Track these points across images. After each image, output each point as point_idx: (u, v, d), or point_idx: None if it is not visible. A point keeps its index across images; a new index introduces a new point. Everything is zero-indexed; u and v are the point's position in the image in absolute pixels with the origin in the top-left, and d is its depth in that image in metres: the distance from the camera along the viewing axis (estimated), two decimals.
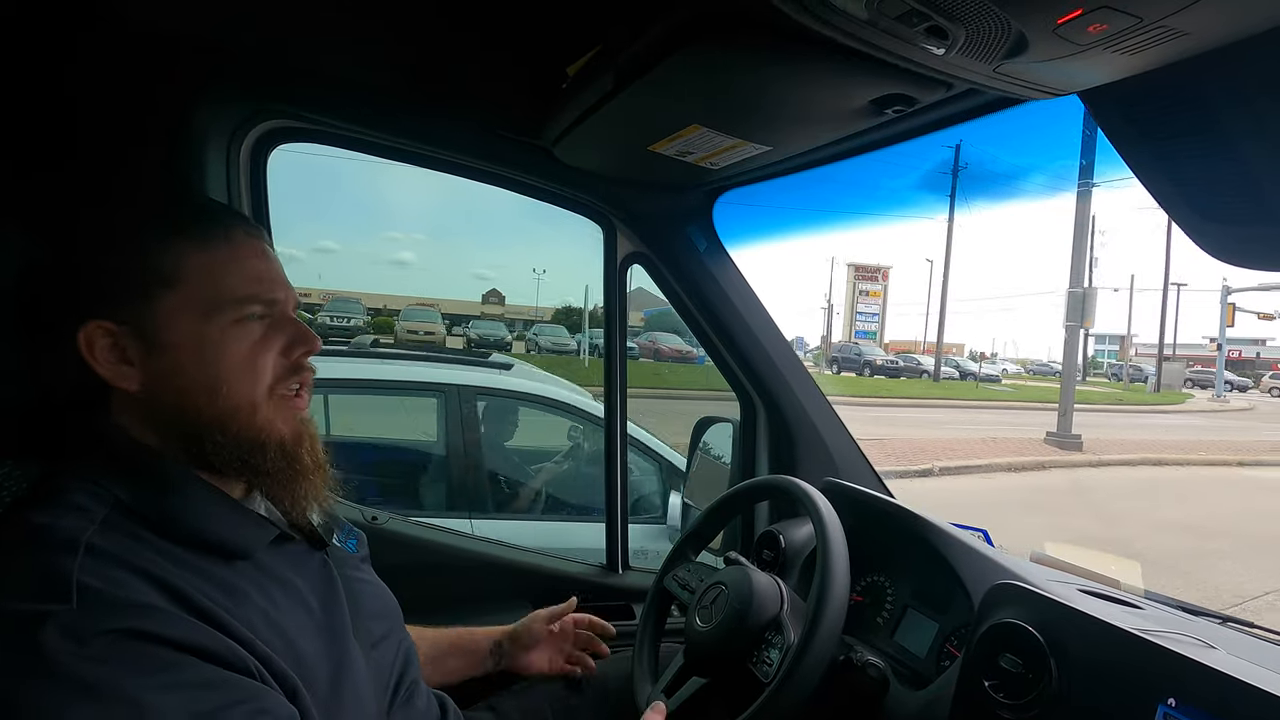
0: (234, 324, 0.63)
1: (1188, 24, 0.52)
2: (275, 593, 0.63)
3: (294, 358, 0.68)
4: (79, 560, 0.52)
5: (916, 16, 0.58)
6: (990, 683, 0.78)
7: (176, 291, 0.62)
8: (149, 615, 0.51)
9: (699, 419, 1.62)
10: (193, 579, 0.56)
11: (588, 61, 0.92)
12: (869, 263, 28.66)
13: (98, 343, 0.61)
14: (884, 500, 1.17)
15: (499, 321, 25.51)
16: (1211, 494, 8.02)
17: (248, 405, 0.64)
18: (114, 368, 0.61)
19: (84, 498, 0.57)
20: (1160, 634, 0.73)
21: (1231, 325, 22.57)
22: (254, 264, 0.66)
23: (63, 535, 0.53)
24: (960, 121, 0.89)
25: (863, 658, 0.92)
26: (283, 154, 1.15)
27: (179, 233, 0.63)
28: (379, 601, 0.81)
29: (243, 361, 0.64)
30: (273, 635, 0.59)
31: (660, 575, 1.14)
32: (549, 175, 1.27)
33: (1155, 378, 27.83)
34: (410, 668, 0.82)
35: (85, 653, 0.47)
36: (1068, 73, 0.65)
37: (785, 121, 0.91)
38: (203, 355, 0.62)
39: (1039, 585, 0.83)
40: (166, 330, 0.61)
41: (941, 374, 24.78)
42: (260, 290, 0.65)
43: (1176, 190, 0.72)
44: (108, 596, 0.51)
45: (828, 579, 0.87)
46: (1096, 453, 10.21)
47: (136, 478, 0.60)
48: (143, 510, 0.58)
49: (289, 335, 0.67)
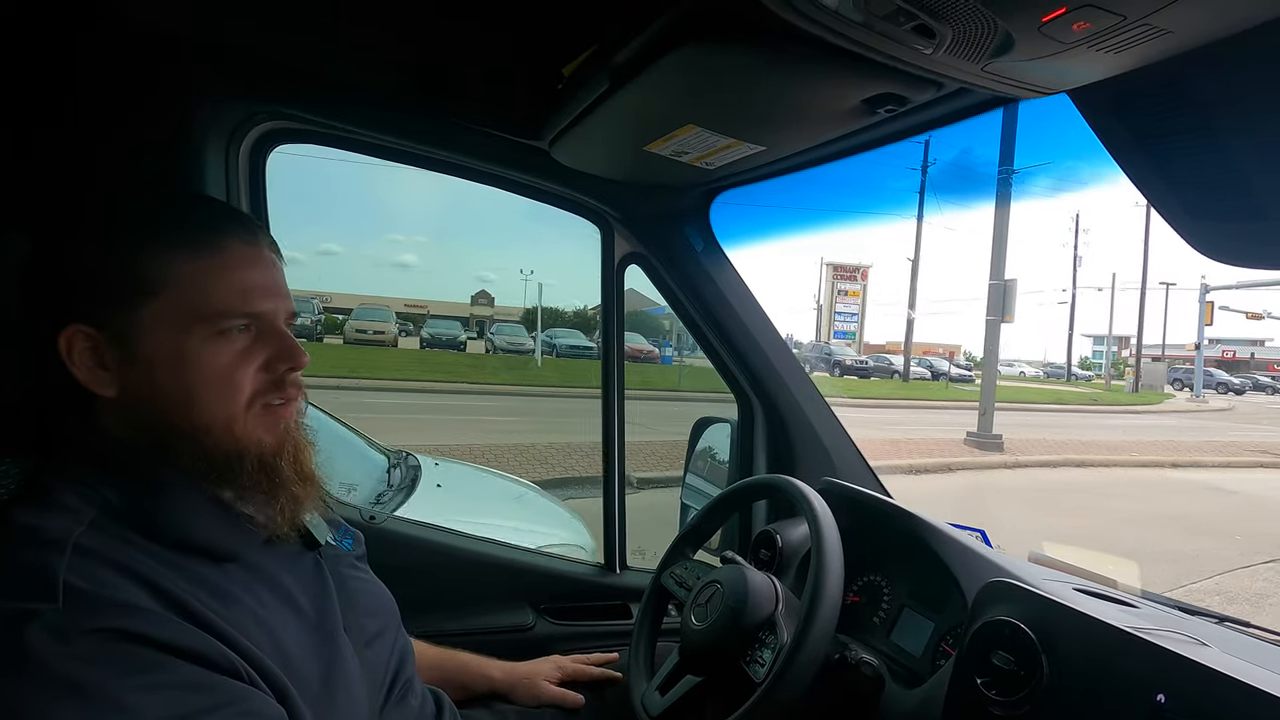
0: (214, 336, 0.62)
1: (1170, 22, 0.53)
2: (264, 594, 0.63)
3: (278, 372, 0.66)
4: (66, 560, 0.52)
5: (904, 15, 0.59)
6: (982, 680, 0.78)
7: (159, 300, 0.60)
8: (135, 616, 0.51)
9: (697, 419, 1.62)
10: (181, 581, 0.56)
11: (583, 62, 0.93)
12: (848, 262, 28.46)
13: (76, 346, 0.60)
14: (881, 500, 1.17)
15: (455, 321, 25.32)
16: (1120, 496, 7.70)
17: (223, 419, 0.62)
18: (91, 372, 0.60)
19: (73, 498, 0.57)
20: (1153, 632, 0.73)
21: (1210, 324, 22.49)
22: (243, 274, 0.64)
23: (50, 535, 0.53)
24: (952, 121, 0.89)
25: (858, 656, 0.92)
26: (288, 157, 1.16)
27: (168, 240, 0.62)
28: (373, 599, 0.81)
29: (219, 376, 0.62)
30: (262, 636, 0.59)
31: (658, 573, 1.14)
32: (546, 175, 1.27)
33: (1134, 378, 27.74)
34: (405, 665, 0.82)
35: (70, 651, 0.47)
36: (1055, 71, 0.65)
37: (779, 121, 0.92)
38: (178, 368, 0.61)
39: (1032, 583, 0.83)
40: (145, 340, 0.60)
41: (913, 374, 24.65)
42: (245, 303, 0.63)
43: (1168, 189, 0.72)
44: (94, 596, 0.51)
45: (821, 579, 0.87)
46: (1016, 454, 9.92)
47: (125, 480, 0.60)
48: (131, 512, 0.58)
49: (272, 350, 0.65)
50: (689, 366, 20.64)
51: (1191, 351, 28.57)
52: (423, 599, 0.89)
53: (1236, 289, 22.18)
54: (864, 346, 29.68)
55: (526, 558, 1.46)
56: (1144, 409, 20.12)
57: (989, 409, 10.64)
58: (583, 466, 7.09)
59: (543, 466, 6.95)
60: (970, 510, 6.80)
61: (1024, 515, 6.75)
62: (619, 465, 1.48)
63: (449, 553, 1.38)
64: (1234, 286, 21.89)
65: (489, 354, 21.36)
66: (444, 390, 12.39)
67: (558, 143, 1.09)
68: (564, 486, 6.22)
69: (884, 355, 29.14)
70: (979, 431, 10.59)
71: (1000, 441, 10.30)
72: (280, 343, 0.66)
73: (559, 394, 13.44)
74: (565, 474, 6.81)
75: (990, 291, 11.25)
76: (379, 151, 1.21)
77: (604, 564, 1.50)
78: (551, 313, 30.58)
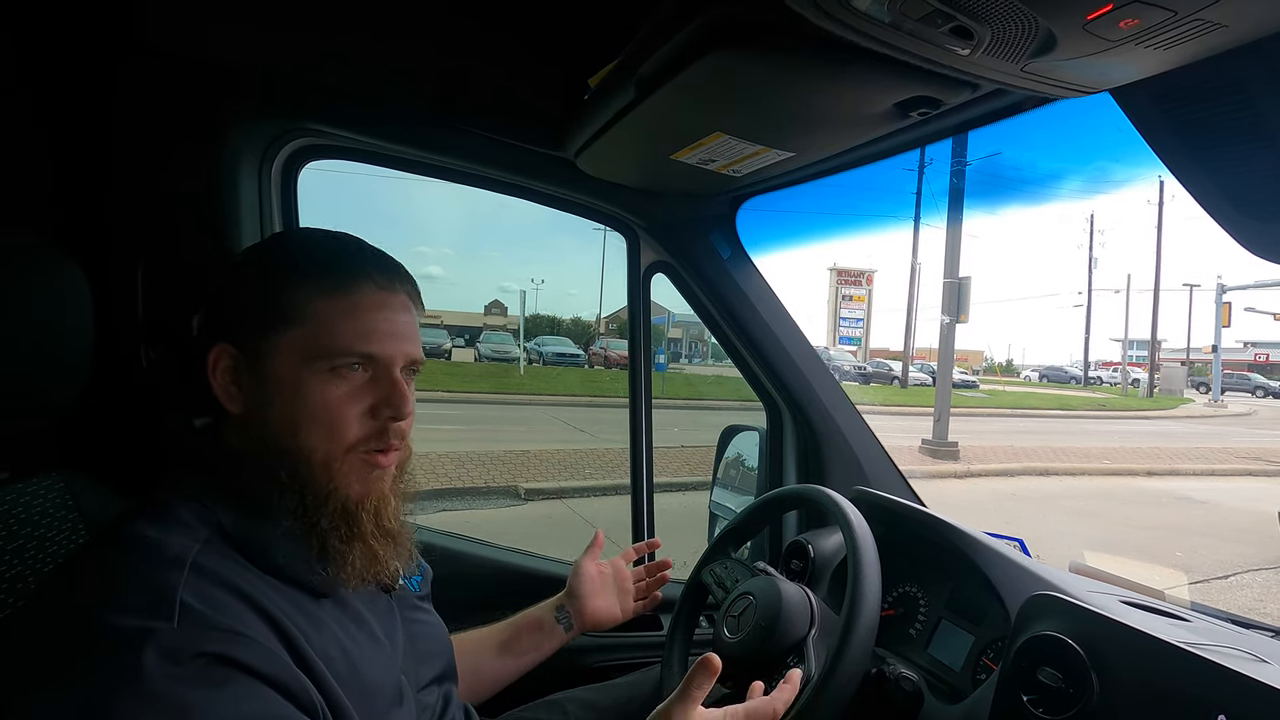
0: (328, 371, 0.64)
1: (1224, 16, 0.51)
2: (353, 629, 0.66)
3: (381, 419, 0.66)
4: (185, 577, 0.53)
5: (940, 17, 0.57)
6: (1029, 697, 0.76)
7: (292, 331, 0.64)
8: (240, 643, 0.52)
9: (725, 427, 1.61)
10: (286, 606, 0.58)
11: (609, 72, 0.93)
12: (852, 266, 27.89)
13: (221, 363, 0.64)
14: (915, 509, 1.14)
15: (442, 330, 25.45)
16: (1063, 508, 7.28)
17: (323, 455, 0.64)
18: (226, 388, 0.64)
19: (190, 516, 0.59)
20: (1209, 648, 0.70)
21: (1228, 325, 21.65)
22: (370, 316, 0.65)
23: (172, 552, 0.55)
24: (987, 123, 0.88)
25: (896, 671, 0.90)
26: (315, 172, 1.18)
27: (309, 275, 0.65)
28: (434, 642, 0.83)
29: (325, 409, 0.64)
30: (345, 665, 0.61)
31: (698, 567, 1.14)
32: (572, 186, 1.28)
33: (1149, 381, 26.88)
34: (451, 700, 0.83)
35: (179, 673, 0.48)
36: (1099, 70, 0.63)
37: (808, 127, 0.90)
38: (294, 395, 0.63)
39: (1078, 596, 0.81)
40: (273, 364, 0.64)
41: (913, 380, 24.17)
42: (363, 343, 0.65)
43: (1216, 187, 0.69)
44: (207, 618, 0.52)
45: (851, 634, 0.83)
46: (970, 462, 9.36)
47: (239, 504, 0.62)
48: (239, 536, 0.60)
49: (381, 395, 0.66)
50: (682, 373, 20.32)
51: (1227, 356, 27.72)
52: (446, 608, 0.89)
53: (1254, 289, 21.45)
54: (869, 353, 29.19)
55: (552, 567, 1.46)
56: (1155, 414, 19.39)
57: (944, 414, 10.08)
58: (472, 476, 6.90)
59: (430, 476, 6.70)
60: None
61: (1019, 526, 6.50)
62: (647, 472, 1.47)
63: (474, 562, 1.39)
64: (1251, 286, 21.17)
65: (476, 362, 21.41)
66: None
67: (583, 153, 1.09)
68: (436, 499, 6.08)
69: (883, 361, 28.75)
70: (934, 439, 10.06)
71: (955, 449, 9.82)
72: (390, 390, 0.66)
73: (532, 402, 13.37)
74: (448, 484, 6.60)
75: (944, 290, 10.70)
76: (408, 166, 1.22)
77: None
78: (550, 320, 30.82)
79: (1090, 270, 30.55)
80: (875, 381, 25.57)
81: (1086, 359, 34.02)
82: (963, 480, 8.80)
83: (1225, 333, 23.24)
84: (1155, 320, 26.60)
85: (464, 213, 78.30)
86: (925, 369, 27.04)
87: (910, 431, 10.96)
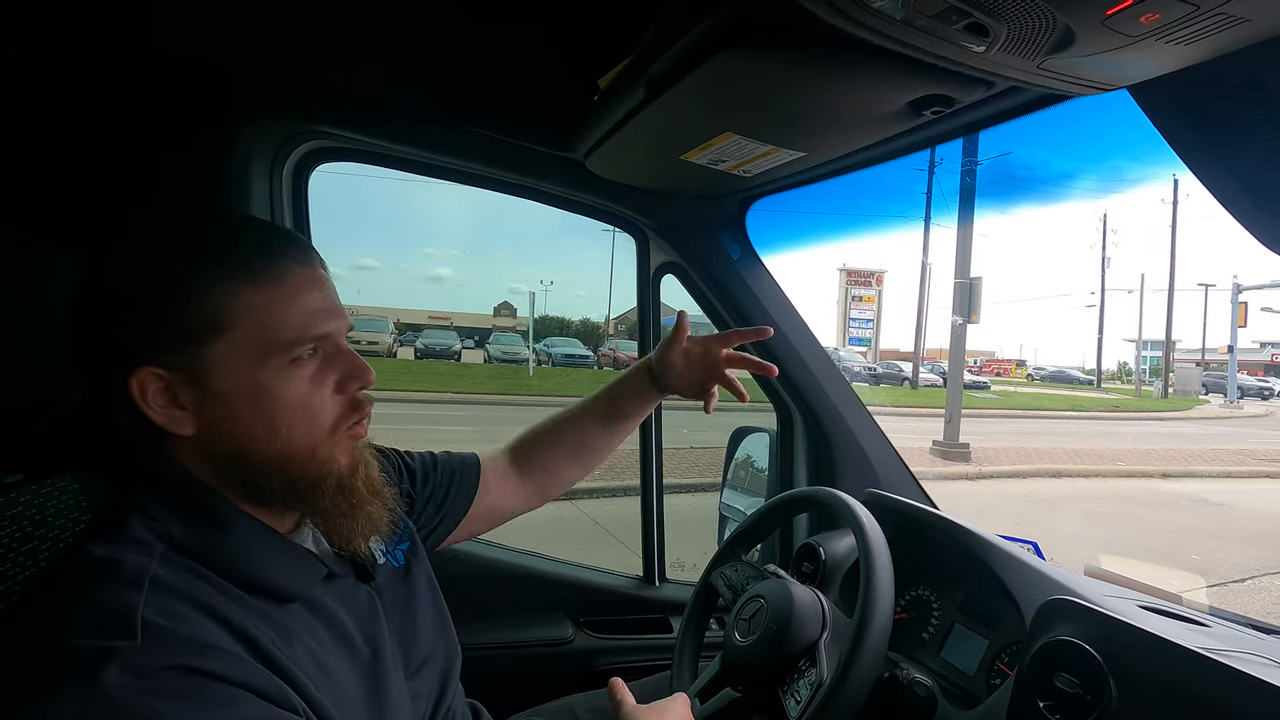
0: (287, 365, 0.61)
1: (1247, 10, 0.49)
2: (323, 633, 0.64)
3: (349, 392, 0.65)
4: (144, 596, 0.52)
5: (955, 14, 0.56)
6: (1045, 704, 0.75)
7: (227, 336, 0.59)
8: (209, 654, 0.51)
9: (735, 428, 1.60)
10: (250, 617, 0.57)
11: (619, 73, 0.93)
12: (862, 267, 27.63)
13: (150, 387, 0.59)
14: (928, 512, 1.13)
15: (451, 331, 25.48)
16: (1075, 510, 7.16)
17: (305, 446, 0.62)
18: (167, 412, 0.59)
19: (142, 531, 0.57)
20: (1230, 654, 0.69)
21: (1244, 325, 21.43)
22: (304, 300, 0.62)
23: (128, 570, 0.53)
24: (1002, 121, 0.87)
25: (909, 675, 0.89)
26: (325, 174, 1.18)
27: (228, 274, 0.60)
28: (425, 618, 0.81)
29: (298, 404, 0.62)
30: (320, 676, 0.60)
31: (708, 571, 1.13)
32: (581, 187, 1.27)
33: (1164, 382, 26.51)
34: (449, 686, 0.82)
35: (147, 686, 0.47)
36: (1117, 66, 0.62)
37: (820, 126, 0.90)
38: (257, 401, 0.60)
39: (1095, 601, 0.80)
40: (219, 377, 0.59)
41: (924, 381, 23.93)
42: (311, 327, 0.63)
43: (1236, 184, 0.68)
44: (171, 633, 0.51)
45: (864, 638, 0.83)
46: (982, 464, 9.21)
47: (187, 515, 0.60)
48: (196, 548, 0.58)
49: (342, 370, 0.65)
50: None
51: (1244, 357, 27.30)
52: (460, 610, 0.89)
53: (1271, 288, 21.20)
54: (879, 353, 28.97)
55: (565, 570, 1.46)
56: (1169, 415, 19.11)
57: (955, 416, 9.96)
58: None
59: None
60: None
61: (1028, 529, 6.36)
62: (657, 477, 1.47)
63: (487, 564, 1.39)
64: (1268, 286, 20.94)
65: (485, 363, 21.52)
66: (417, 400, 12.29)
67: (593, 154, 1.08)
68: None
69: (894, 362, 28.59)
70: (945, 440, 9.94)
71: (967, 451, 9.68)
72: (348, 362, 0.65)
73: (542, 403, 13.35)
74: None
75: (955, 290, 10.64)
76: (418, 168, 1.22)
77: (643, 576, 1.48)
78: (559, 322, 30.85)
79: (1103, 270, 30.28)
80: (885, 382, 25.44)
81: (1100, 360, 33.71)
82: (974, 482, 8.71)
83: (1241, 333, 22.90)
84: (1170, 320, 26.30)
85: (472, 214, 78.62)
86: (936, 370, 26.96)
87: (921, 433, 10.86)
